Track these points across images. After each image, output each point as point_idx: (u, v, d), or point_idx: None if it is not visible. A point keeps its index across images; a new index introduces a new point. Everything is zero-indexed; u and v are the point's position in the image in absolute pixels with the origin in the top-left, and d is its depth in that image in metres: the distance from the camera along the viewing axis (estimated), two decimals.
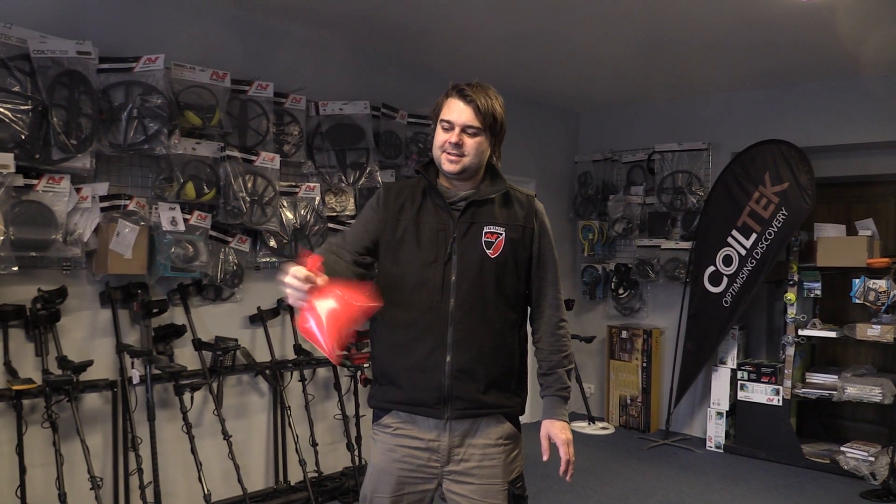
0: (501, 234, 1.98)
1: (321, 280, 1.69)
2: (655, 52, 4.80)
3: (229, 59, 3.96)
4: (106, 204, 3.38)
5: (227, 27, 4.04)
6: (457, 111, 1.94)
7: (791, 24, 4.14)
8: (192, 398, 3.69)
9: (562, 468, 2.06)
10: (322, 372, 4.46)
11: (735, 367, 5.49)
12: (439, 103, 2.00)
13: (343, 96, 4.46)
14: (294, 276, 1.68)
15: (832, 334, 5.07)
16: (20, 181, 3.07)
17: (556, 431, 2.08)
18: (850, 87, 5.24)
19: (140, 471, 3.42)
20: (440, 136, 1.97)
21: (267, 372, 4.10)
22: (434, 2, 3.91)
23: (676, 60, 4.98)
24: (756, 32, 4.32)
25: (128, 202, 3.43)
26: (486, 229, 1.98)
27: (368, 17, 4.16)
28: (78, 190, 3.25)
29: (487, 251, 1.97)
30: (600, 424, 6.14)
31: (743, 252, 5.32)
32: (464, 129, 1.94)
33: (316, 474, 4.16)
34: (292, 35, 4.35)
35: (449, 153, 1.94)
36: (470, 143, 1.95)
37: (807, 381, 5.28)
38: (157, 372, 3.54)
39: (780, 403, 5.22)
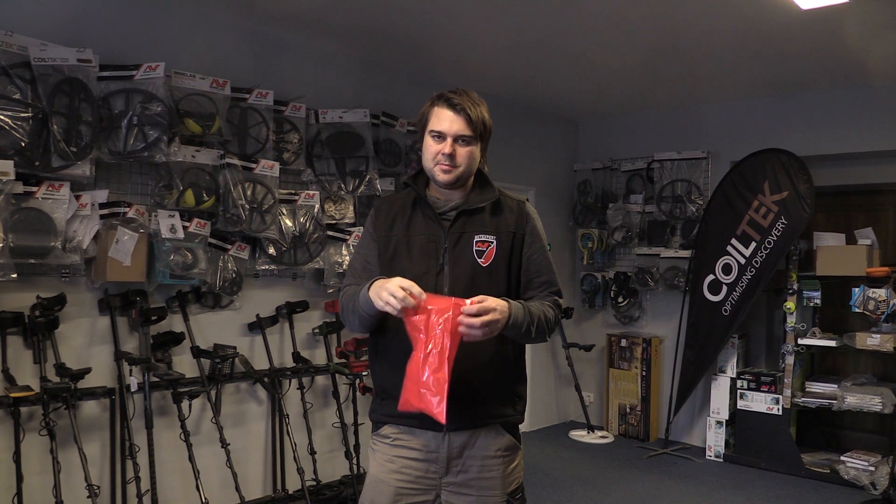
0: (492, 243, 1.97)
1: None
2: (655, 62, 4.81)
3: (230, 68, 3.97)
4: (105, 211, 3.38)
5: (227, 36, 4.05)
6: (447, 121, 1.93)
7: (792, 34, 4.15)
8: (190, 406, 3.68)
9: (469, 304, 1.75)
10: (320, 380, 4.45)
11: (735, 375, 5.48)
12: (425, 113, 1.99)
13: (343, 104, 4.47)
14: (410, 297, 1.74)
15: (832, 343, 5.07)
16: (20, 188, 3.07)
17: (493, 299, 1.78)
18: (849, 96, 5.26)
19: (138, 479, 3.41)
20: (432, 148, 1.96)
21: (265, 380, 4.10)
22: (435, 12, 3.92)
23: (676, 69, 5.00)
24: (756, 42, 4.33)
25: (127, 209, 3.43)
26: (476, 238, 1.97)
27: (369, 26, 4.17)
28: (77, 197, 3.25)
29: (479, 260, 1.95)
30: (599, 433, 6.13)
31: (742, 261, 5.33)
32: (456, 140, 1.93)
33: (314, 482, 4.15)
34: (293, 44, 4.36)
35: (442, 164, 1.94)
36: (462, 152, 1.94)
37: (806, 390, 5.27)
38: (156, 379, 3.54)
39: (780, 412, 5.21)
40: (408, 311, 1.75)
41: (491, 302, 1.76)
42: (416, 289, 1.74)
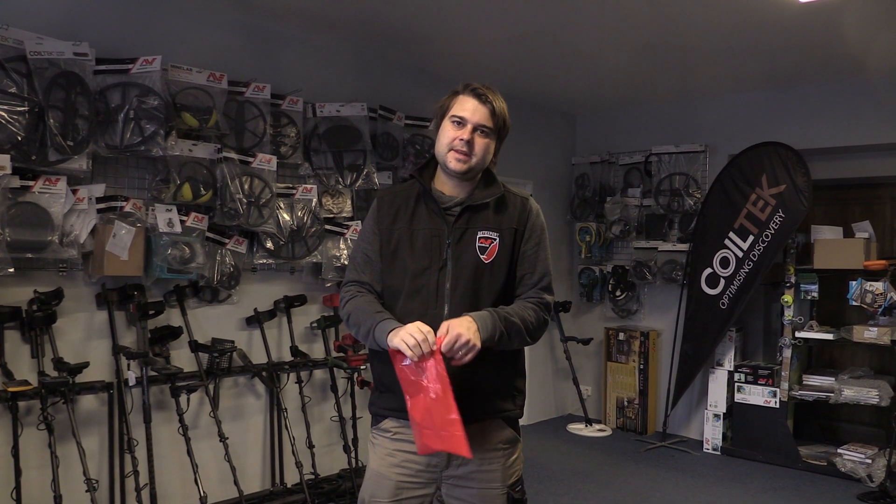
0: (495, 240, 1.96)
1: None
2: (653, 55, 4.80)
3: (227, 62, 3.96)
4: (102, 205, 3.37)
5: (225, 29, 4.03)
6: (471, 109, 1.93)
7: (790, 27, 4.14)
8: (188, 400, 3.67)
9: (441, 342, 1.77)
10: (319, 374, 4.45)
11: (732, 369, 5.49)
12: (446, 101, 1.99)
13: (340, 98, 4.45)
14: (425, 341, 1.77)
15: (829, 336, 5.07)
16: (16, 182, 3.06)
17: (455, 321, 1.80)
18: (847, 90, 5.25)
19: (136, 473, 3.41)
20: (449, 133, 1.94)
21: (263, 374, 4.09)
22: (433, 5, 3.91)
23: (675, 63, 4.99)
24: (755, 35, 4.32)
25: (124, 204, 3.42)
26: (479, 234, 1.96)
27: (366, 19, 4.16)
28: (74, 191, 3.25)
29: (481, 256, 1.94)
30: (597, 426, 6.14)
31: (740, 254, 5.33)
32: (476, 128, 1.93)
33: (312, 476, 4.15)
34: (291, 38, 4.35)
35: (458, 151, 1.93)
36: (480, 143, 1.94)
37: (804, 383, 5.28)
38: (154, 374, 3.53)
39: (777, 405, 5.22)
40: (397, 359, 1.80)
41: (455, 328, 1.77)
42: (431, 337, 1.77)
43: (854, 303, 4.83)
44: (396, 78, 4.97)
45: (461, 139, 1.92)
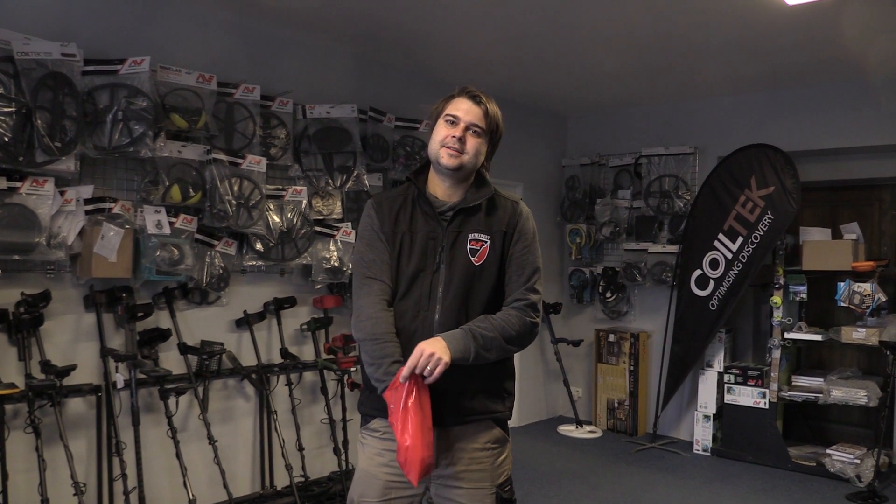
0: (486, 242, 1.99)
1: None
2: (644, 58, 4.82)
3: (217, 63, 3.94)
4: (90, 207, 3.35)
5: (215, 30, 4.02)
6: (464, 109, 1.97)
7: (778, 30, 4.17)
8: (177, 403, 3.65)
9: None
10: (308, 376, 4.44)
11: (722, 370, 5.51)
12: (442, 104, 2.02)
13: (331, 100, 4.45)
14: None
15: (818, 337, 5.10)
16: (3, 184, 3.04)
17: (425, 343, 1.84)
18: (836, 92, 5.28)
19: (124, 476, 3.39)
20: (442, 131, 1.98)
21: (253, 376, 4.08)
22: (425, 7, 3.91)
23: (665, 66, 5.00)
24: (744, 38, 4.34)
25: (112, 205, 3.40)
26: (471, 237, 1.98)
27: (358, 21, 4.15)
28: (62, 193, 3.23)
29: (472, 259, 1.97)
30: (588, 428, 6.15)
31: (729, 256, 5.35)
32: (468, 127, 1.97)
33: (302, 479, 4.14)
34: (281, 39, 4.34)
35: (450, 147, 1.95)
36: (472, 142, 1.97)
37: (793, 383, 5.31)
38: (142, 376, 3.51)
39: (767, 406, 5.25)
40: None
41: (421, 345, 1.82)
42: None
43: (842, 304, 4.87)
44: (387, 80, 4.97)
45: (453, 136, 1.95)
